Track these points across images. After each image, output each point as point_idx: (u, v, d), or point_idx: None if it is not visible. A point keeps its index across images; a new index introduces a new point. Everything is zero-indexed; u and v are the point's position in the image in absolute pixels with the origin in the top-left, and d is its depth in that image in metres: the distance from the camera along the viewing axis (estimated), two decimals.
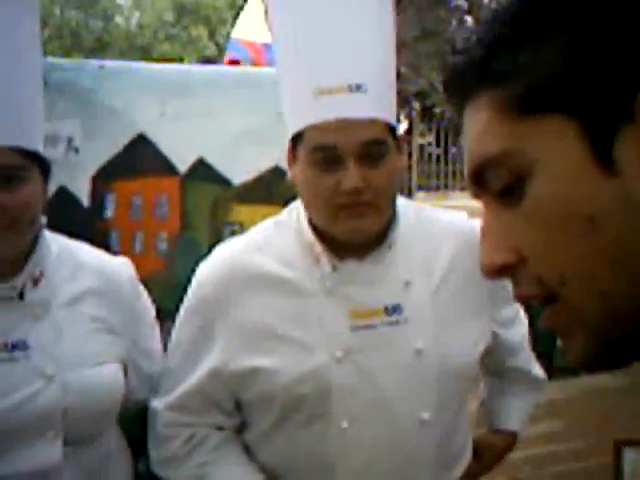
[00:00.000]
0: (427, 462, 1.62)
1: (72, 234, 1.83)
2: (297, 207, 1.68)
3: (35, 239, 1.64)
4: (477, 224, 1.74)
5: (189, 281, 1.70)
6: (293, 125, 1.57)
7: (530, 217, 0.72)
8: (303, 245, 1.63)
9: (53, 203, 2.85)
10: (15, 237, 1.57)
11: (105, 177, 2.74)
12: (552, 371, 6.87)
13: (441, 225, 1.72)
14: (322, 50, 1.53)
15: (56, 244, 1.71)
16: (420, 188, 15.58)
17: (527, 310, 1.87)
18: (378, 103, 1.55)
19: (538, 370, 1.95)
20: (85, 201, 2.78)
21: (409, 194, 14.48)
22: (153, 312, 1.83)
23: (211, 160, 2.68)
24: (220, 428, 1.69)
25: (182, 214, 2.71)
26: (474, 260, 1.67)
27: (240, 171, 2.68)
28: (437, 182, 16.58)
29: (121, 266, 1.79)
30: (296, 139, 1.57)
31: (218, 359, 1.62)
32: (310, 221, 1.63)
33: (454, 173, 16.83)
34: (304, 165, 1.55)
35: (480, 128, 0.74)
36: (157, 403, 1.71)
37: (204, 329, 1.64)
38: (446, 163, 16.92)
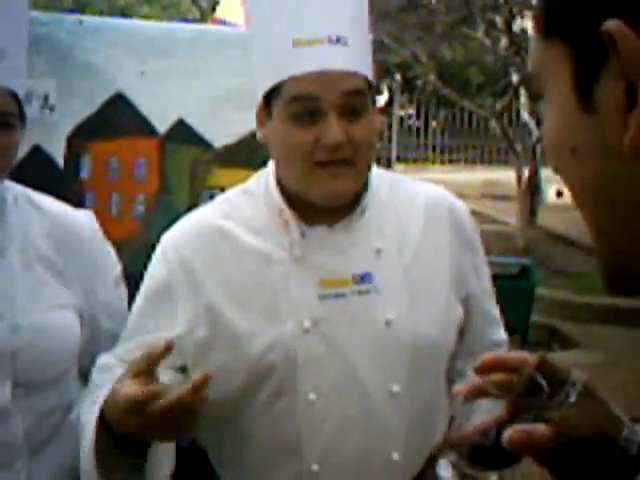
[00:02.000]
0: (399, 435, 1.57)
1: (46, 194, 1.78)
2: (266, 173, 1.63)
3: None
4: (451, 197, 1.71)
5: None
6: (270, 79, 1.52)
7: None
8: (272, 211, 1.58)
9: (27, 162, 2.78)
10: None
11: (81, 137, 2.67)
12: (526, 346, 6.93)
13: (415, 196, 1.67)
14: (300, 1, 1.50)
15: (13, 191, 1.71)
16: (399, 160, 15.60)
17: (495, 285, 1.79)
18: (358, 56, 1.51)
19: None
20: (60, 161, 2.72)
21: (388, 165, 14.46)
22: (118, 270, 1.80)
23: (191, 121, 2.61)
24: None
25: (160, 176, 2.64)
26: (448, 232, 1.63)
27: (221, 133, 2.62)
28: (416, 154, 16.59)
29: (82, 217, 1.77)
30: (270, 95, 1.52)
31: (180, 328, 1.56)
32: (280, 186, 1.58)
33: (434, 146, 16.85)
34: (280, 120, 1.50)
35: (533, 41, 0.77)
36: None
37: (166, 294, 1.59)
38: (426, 136, 16.92)
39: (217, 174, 2.64)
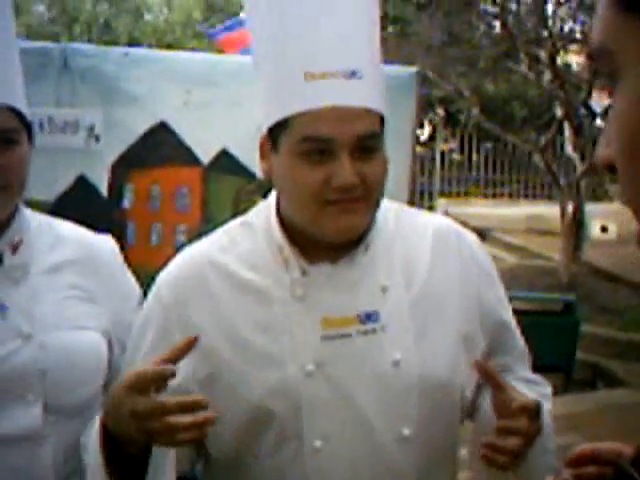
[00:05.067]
0: (410, 479, 1.50)
1: (89, 224, 1.80)
2: (266, 206, 1.56)
3: (14, 210, 1.67)
4: (459, 227, 1.64)
5: None
6: (278, 112, 1.44)
7: (613, 121, 0.65)
8: (271, 247, 1.51)
9: (71, 192, 2.81)
10: (7, 199, 1.62)
11: (125, 166, 2.69)
12: (570, 385, 6.79)
13: (422, 226, 1.60)
14: (313, 32, 1.42)
15: (35, 219, 1.73)
16: (442, 194, 15.54)
17: (539, 322, 1.72)
18: (373, 92, 1.44)
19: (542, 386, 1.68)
20: (104, 191, 2.74)
21: (430, 199, 14.42)
22: (139, 292, 1.78)
23: (235, 151, 2.63)
24: None
25: (203, 206, 2.65)
26: (457, 263, 1.56)
27: None
28: (459, 188, 16.52)
29: (103, 241, 1.78)
30: (277, 128, 1.44)
31: (184, 372, 1.46)
32: (281, 221, 1.51)
33: (477, 180, 16.77)
34: (288, 156, 1.43)
35: (600, 9, 0.66)
36: None
37: (164, 338, 1.50)
38: (469, 170, 16.85)
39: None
